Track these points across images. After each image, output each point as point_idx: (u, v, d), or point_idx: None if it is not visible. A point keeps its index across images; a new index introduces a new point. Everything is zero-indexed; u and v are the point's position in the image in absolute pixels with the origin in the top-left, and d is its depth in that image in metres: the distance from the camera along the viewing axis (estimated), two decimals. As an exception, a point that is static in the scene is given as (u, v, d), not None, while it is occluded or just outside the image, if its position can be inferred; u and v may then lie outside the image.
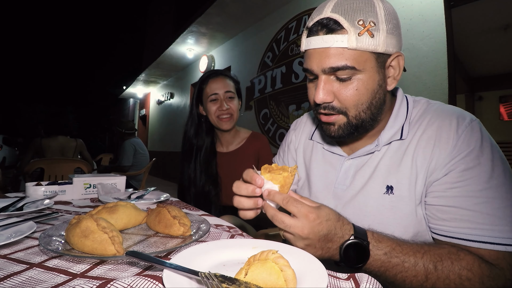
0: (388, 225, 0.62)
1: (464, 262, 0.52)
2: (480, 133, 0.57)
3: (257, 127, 4.38)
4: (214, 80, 1.35)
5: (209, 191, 1.35)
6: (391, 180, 0.64)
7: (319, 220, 0.50)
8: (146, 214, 0.73)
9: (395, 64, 0.62)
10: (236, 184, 0.58)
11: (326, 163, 0.77)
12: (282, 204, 0.52)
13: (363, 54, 0.57)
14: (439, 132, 0.60)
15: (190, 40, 5.62)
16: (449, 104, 2.05)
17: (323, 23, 0.58)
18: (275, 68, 4.10)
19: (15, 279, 0.41)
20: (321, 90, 0.60)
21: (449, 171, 0.57)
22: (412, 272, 0.52)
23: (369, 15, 0.56)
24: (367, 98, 0.60)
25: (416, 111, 0.67)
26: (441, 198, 0.57)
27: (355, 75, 0.58)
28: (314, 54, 0.60)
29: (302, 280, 0.39)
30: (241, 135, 1.47)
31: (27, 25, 48.38)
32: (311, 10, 3.54)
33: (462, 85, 6.00)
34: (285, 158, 0.93)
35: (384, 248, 0.53)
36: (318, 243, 0.50)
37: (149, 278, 0.39)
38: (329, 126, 0.65)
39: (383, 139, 0.66)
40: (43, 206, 0.87)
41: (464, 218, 0.54)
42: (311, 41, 0.60)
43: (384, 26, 0.57)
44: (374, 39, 0.56)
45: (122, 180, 1.24)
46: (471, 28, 3.98)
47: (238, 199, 0.57)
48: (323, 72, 0.59)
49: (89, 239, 0.50)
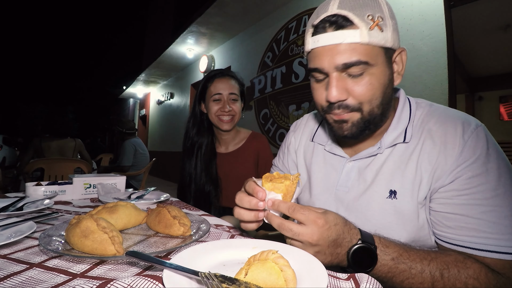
0: (390, 229, 0.62)
1: (471, 270, 0.51)
2: (485, 139, 0.57)
3: (257, 127, 4.38)
4: (220, 80, 1.35)
5: (209, 192, 1.34)
6: (394, 184, 0.63)
7: (328, 225, 0.49)
8: (146, 214, 0.73)
9: (399, 59, 0.63)
10: (239, 196, 0.57)
11: (327, 164, 0.76)
12: (288, 213, 0.51)
13: (374, 48, 0.57)
14: (444, 137, 0.59)
15: (190, 40, 5.62)
16: (449, 104, 2.04)
17: (331, 20, 0.56)
18: (275, 68, 4.10)
19: (15, 279, 0.41)
20: (334, 88, 0.58)
21: (455, 178, 0.56)
22: (419, 279, 0.51)
23: (376, 10, 0.56)
24: (380, 93, 0.59)
25: (420, 114, 0.66)
26: (447, 205, 0.57)
27: (368, 70, 0.57)
28: (324, 52, 0.58)
29: (302, 280, 0.39)
30: (241, 135, 1.46)
31: (28, 25, 48.37)
32: (311, 10, 3.53)
33: (462, 85, 6.00)
34: (284, 160, 0.92)
35: (392, 254, 0.52)
36: (328, 249, 0.49)
37: (149, 278, 0.39)
38: (341, 124, 0.63)
39: (385, 141, 0.66)
40: (43, 206, 0.87)
41: (470, 226, 0.54)
42: (319, 39, 0.58)
43: (390, 21, 0.58)
44: (383, 34, 0.56)
45: (122, 180, 1.24)
46: (471, 28, 3.98)
47: (239, 211, 0.57)
48: (336, 69, 0.57)
49: (89, 239, 0.50)
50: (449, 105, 2.15)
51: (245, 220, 0.56)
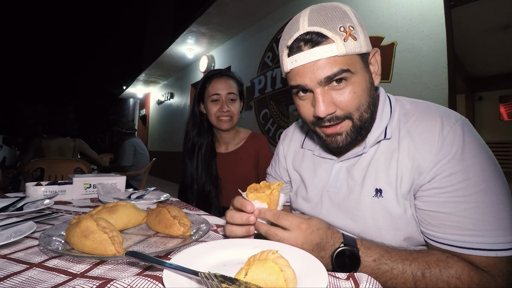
0: (379, 228, 0.62)
1: (453, 270, 0.51)
2: (462, 134, 0.56)
3: (257, 127, 4.38)
4: (218, 80, 1.35)
5: (209, 192, 1.35)
6: (380, 183, 0.63)
7: (311, 230, 0.51)
8: (146, 214, 0.73)
9: (374, 60, 0.65)
10: (229, 213, 0.58)
11: (317, 168, 0.78)
12: (274, 219, 0.53)
13: (352, 57, 0.58)
14: (423, 134, 0.59)
15: (190, 40, 5.62)
16: (449, 104, 2.04)
17: (305, 39, 0.57)
18: (275, 68, 4.10)
19: (15, 279, 0.41)
20: (321, 103, 0.59)
21: (436, 175, 0.56)
22: (401, 279, 0.52)
23: (346, 21, 0.58)
24: (365, 98, 0.61)
25: (399, 111, 0.67)
26: (430, 204, 0.57)
27: (349, 79, 0.59)
28: (304, 70, 0.59)
29: (302, 280, 0.39)
30: (241, 135, 1.46)
31: (28, 25, 48.36)
32: (311, 10, 3.53)
33: (462, 85, 6.00)
34: (276, 168, 0.95)
35: (373, 255, 0.53)
36: (312, 253, 0.50)
37: (149, 278, 0.39)
38: (335, 137, 0.64)
39: (369, 140, 0.67)
40: (43, 206, 0.87)
41: (453, 224, 0.54)
42: (296, 59, 0.59)
43: (360, 28, 0.60)
44: (357, 42, 0.58)
45: (122, 180, 1.24)
46: (471, 28, 3.98)
47: (230, 229, 0.58)
48: (319, 84, 0.58)
49: (89, 239, 0.50)
50: (449, 105, 2.15)
51: (238, 236, 0.57)
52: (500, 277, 0.51)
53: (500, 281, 0.51)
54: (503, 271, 0.51)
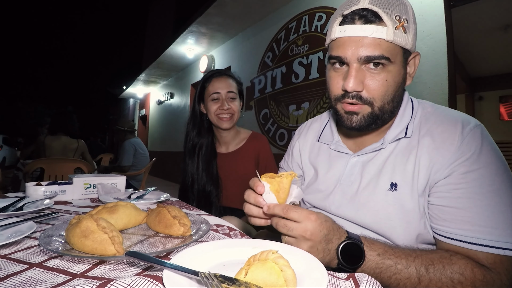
0: (390, 219, 0.63)
1: (456, 266, 0.52)
2: (481, 138, 0.58)
3: (257, 127, 4.38)
4: (217, 79, 1.36)
5: (210, 192, 1.35)
6: (396, 177, 0.65)
7: (320, 221, 0.52)
8: (146, 214, 0.73)
9: (413, 62, 0.67)
10: (247, 192, 0.61)
11: (332, 161, 0.79)
12: (283, 213, 0.53)
13: (396, 47, 0.60)
14: (444, 134, 0.61)
15: (190, 40, 5.62)
16: (449, 104, 2.05)
17: (361, 14, 0.59)
18: (275, 68, 4.10)
19: (15, 279, 0.41)
20: (353, 78, 0.60)
21: (453, 171, 0.58)
22: (405, 275, 0.52)
23: (403, 12, 0.60)
24: (393, 90, 0.62)
25: (421, 112, 0.68)
26: (444, 199, 0.58)
27: (386, 67, 0.60)
28: (349, 42, 0.60)
29: (302, 280, 0.39)
30: (241, 135, 1.46)
31: (29, 25, 48.40)
32: (311, 10, 3.53)
33: (462, 85, 6.00)
34: (289, 162, 0.96)
35: (378, 250, 0.54)
36: (320, 245, 0.51)
37: (149, 278, 0.39)
38: (351, 115, 0.65)
39: (388, 137, 0.68)
40: (43, 206, 0.87)
41: (464, 219, 0.55)
42: (346, 29, 0.60)
43: (413, 25, 0.62)
44: (406, 35, 0.60)
45: (122, 180, 1.24)
46: (471, 28, 3.98)
47: (248, 206, 0.60)
48: (358, 60, 0.60)
49: (89, 239, 0.50)
50: (449, 105, 2.15)
51: (253, 215, 0.59)
52: (506, 276, 0.52)
53: (505, 279, 0.52)
54: (508, 270, 0.52)
